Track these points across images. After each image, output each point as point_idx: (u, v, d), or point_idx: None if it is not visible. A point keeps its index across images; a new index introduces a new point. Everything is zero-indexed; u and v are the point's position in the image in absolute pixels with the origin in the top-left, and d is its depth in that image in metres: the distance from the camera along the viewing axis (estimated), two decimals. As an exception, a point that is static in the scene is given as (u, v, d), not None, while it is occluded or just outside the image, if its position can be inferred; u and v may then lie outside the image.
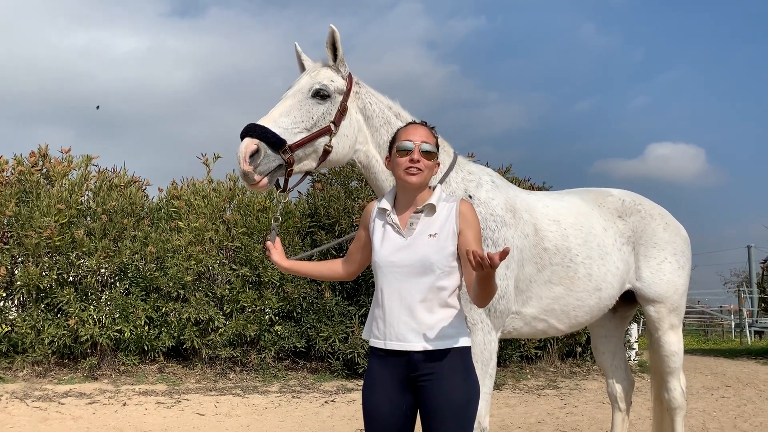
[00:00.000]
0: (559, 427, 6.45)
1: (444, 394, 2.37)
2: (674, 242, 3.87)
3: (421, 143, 2.47)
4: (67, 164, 9.07)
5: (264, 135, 2.79)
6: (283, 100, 2.99)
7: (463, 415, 2.38)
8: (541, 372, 9.87)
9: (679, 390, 4.03)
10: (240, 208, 9.07)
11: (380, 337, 2.45)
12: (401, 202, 2.54)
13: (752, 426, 6.62)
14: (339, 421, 6.50)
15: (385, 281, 2.45)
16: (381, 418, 2.43)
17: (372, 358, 2.51)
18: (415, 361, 2.39)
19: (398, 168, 2.48)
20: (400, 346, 2.40)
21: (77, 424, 6.07)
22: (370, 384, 2.48)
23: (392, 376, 2.42)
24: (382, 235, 2.51)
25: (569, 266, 3.40)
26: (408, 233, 2.46)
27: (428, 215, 2.48)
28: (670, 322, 3.90)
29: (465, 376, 2.42)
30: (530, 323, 3.39)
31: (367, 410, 2.48)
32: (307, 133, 2.91)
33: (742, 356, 13.90)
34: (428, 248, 2.41)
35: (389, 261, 2.44)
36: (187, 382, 8.21)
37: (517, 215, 3.28)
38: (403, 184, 2.51)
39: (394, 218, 2.50)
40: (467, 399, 2.40)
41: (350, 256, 2.73)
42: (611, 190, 3.96)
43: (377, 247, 2.49)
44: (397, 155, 2.49)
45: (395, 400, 2.42)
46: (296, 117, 2.91)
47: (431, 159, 2.50)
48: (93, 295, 8.45)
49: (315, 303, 8.82)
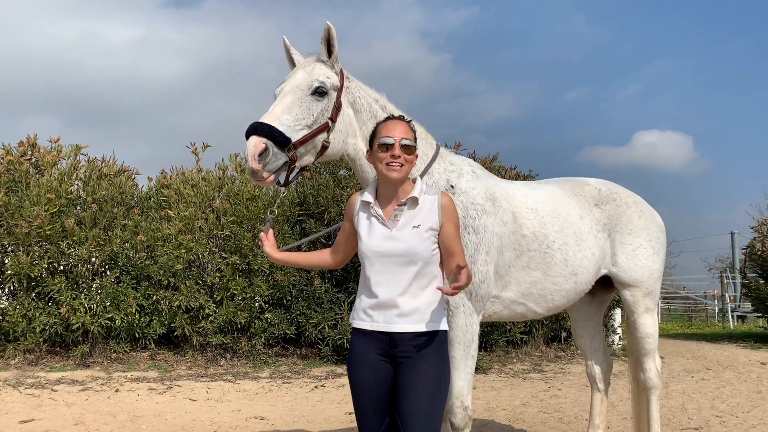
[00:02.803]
0: (542, 409, 6.63)
1: (419, 372, 2.54)
2: (649, 229, 4.02)
3: (401, 139, 2.61)
4: (56, 154, 9.12)
5: (272, 134, 2.86)
6: (282, 96, 3.05)
7: (435, 393, 2.55)
8: (527, 356, 10.07)
9: (654, 370, 4.19)
10: (229, 196, 9.15)
11: (366, 320, 2.62)
12: (383, 194, 2.68)
13: (729, 406, 6.83)
14: (329, 405, 6.65)
15: (372, 269, 2.61)
16: (368, 389, 2.60)
17: (355, 336, 2.68)
18: (396, 340, 2.57)
19: (380, 163, 2.62)
20: (385, 327, 2.58)
21: (71, 410, 6.18)
22: (354, 359, 2.65)
23: (375, 350, 2.59)
24: (368, 226, 2.65)
25: (546, 252, 3.54)
26: (393, 225, 2.61)
27: (411, 207, 2.63)
28: (645, 306, 4.05)
29: (439, 357, 2.60)
30: (509, 307, 3.54)
31: (353, 383, 2.65)
32: (308, 131, 3.00)
33: (724, 340, 14.18)
34: (413, 239, 2.56)
35: (376, 251, 2.59)
36: (179, 369, 8.33)
37: (497, 204, 3.41)
38: (384, 179, 2.64)
39: (378, 210, 2.65)
40: (440, 378, 2.58)
41: (337, 246, 2.89)
42: (588, 179, 4.10)
43: (364, 238, 2.64)
44: (378, 150, 2.63)
45: (380, 373, 2.59)
46: (297, 114, 2.98)
47: (411, 153, 2.63)
48: (84, 283, 8.53)
49: (304, 290, 8.95)
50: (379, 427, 2.61)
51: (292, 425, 5.80)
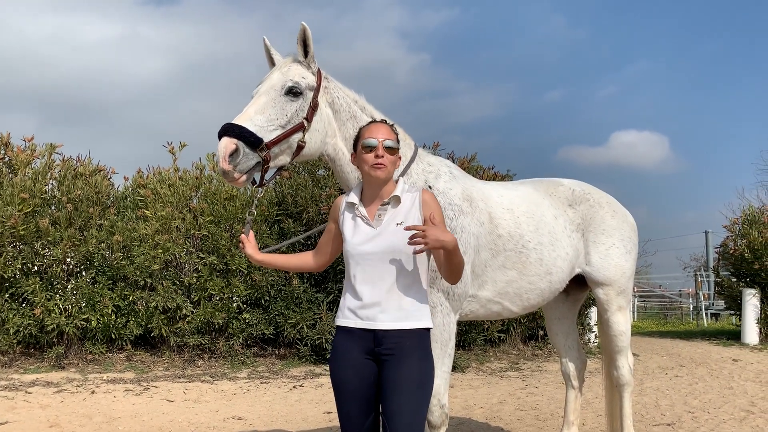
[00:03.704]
0: (519, 407, 6.70)
1: (403, 369, 2.56)
2: (621, 229, 4.10)
3: (384, 140, 2.66)
4: (30, 153, 8.99)
5: (242, 135, 2.89)
6: (257, 97, 3.07)
7: (420, 390, 2.57)
8: (504, 355, 10.17)
9: (627, 367, 4.27)
10: (207, 196, 9.11)
11: (350, 317, 2.64)
12: (368, 195, 2.73)
13: (701, 402, 6.97)
14: (307, 405, 6.66)
15: (357, 268, 2.64)
16: (351, 389, 2.61)
17: (338, 335, 2.69)
18: (380, 337, 2.58)
19: (364, 164, 2.67)
20: (370, 325, 2.60)
21: (45, 413, 6.11)
22: (337, 359, 2.66)
23: (359, 349, 2.61)
24: (352, 226, 2.69)
25: (522, 252, 3.60)
26: (377, 224, 2.65)
27: (394, 206, 2.68)
28: (618, 304, 4.13)
29: (424, 355, 2.62)
30: (486, 306, 3.58)
31: (337, 384, 2.66)
32: (281, 131, 3.01)
33: (698, 337, 14.44)
34: (395, 236, 2.60)
35: (361, 250, 2.63)
36: (156, 370, 8.27)
37: (474, 204, 3.46)
38: (369, 179, 2.69)
39: (363, 211, 2.69)
40: (424, 376, 2.61)
41: (321, 248, 2.91)
42: (562, 180, 4.16)
43: (349, 238, 2.68)
44: (363, 152, 2.67)
45: (363, 373, 2.60)
46: (271, 115, 3.01)
47: (394, 154, 2.69)
48: (59, 284, 8.43)
49: (283, 290, 8.94)
50: (361, 427, 2.62)
51: (271, 425, 5.79)
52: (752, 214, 14.09)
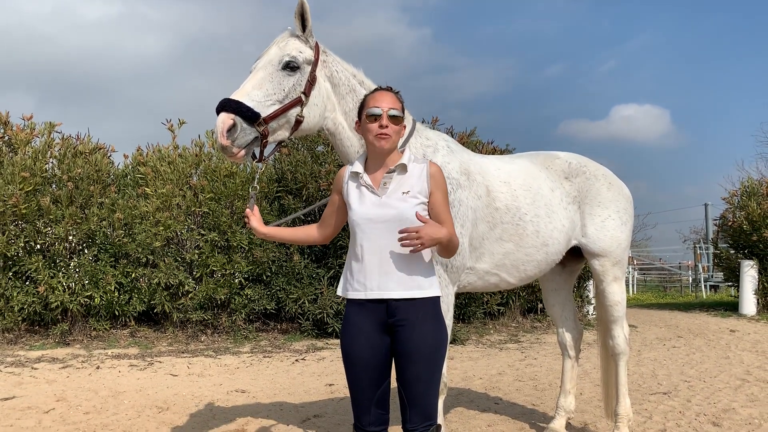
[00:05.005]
0: (518, 378, 6.81)
1: (417, 338, 2.56)
2: (617, 201, 4.14)
3: (389, 109, 2.62)
4: (29, 131, 9.01)
5: (239, 110, 2.91)
6: (254, 72, 3.08)
7: (434, 358, 2.60)
8: (504, 327, 10.28)
9: (622, 337, 4.34)
10: (207, 173, 9.13)
11: (360, 289, 2.61)
12: (372, 165, 2.69)
13: (698, 372, 7.07)
14: (309, 378, 6.76)
15: (364, 237, 2.60)
16: (363, 362, 2.61)
17: (349, 308, 2.67)
18: (392, 308, 2.57)
19: (369, 133, 2.63)
20: (380, 294, 2.57)
21: (52, 387, 6.21)
22: (349, 331, 2.64)
23: (371, 321, 2.60)
24: (358, 195, 2.66)
25: (519, 224, 3.64)
26: (382, 192, 2.62)
27: (400, 174, 2.64)
28: (613, 275, 4.18)
29: (436, 322, 2.63)
30: (483, 277, 3.64)
31: (349, 356, 2.63)
32: (279, 105, 3.03)
33: (696, 309, 14.56)
34: (403, 204, 2.58)
35: (367, 218, 2.59)
36: (159, 346, 8.38)
37: (471, 178, 3.49)
38: (372, 149, 2.66)
39: (367, 179, 2.65)
40: (438, 343, 2.62)
41: (325, 219, 2.88)
42: (559, 153, 4.19)
43: (355, 207, 2.64)
44: (367, 121, 2.63)
45: (375, 344, 2.60)
46: (268, 90, 3.02)
47: (398, 123, 2.64)
48: (62, 262, 8.51)
49: (284, 266, 9.01)
50: (372, 398, 2.62)
51: (273, 397, 5.90)
52: (751, 186, 14.13)
